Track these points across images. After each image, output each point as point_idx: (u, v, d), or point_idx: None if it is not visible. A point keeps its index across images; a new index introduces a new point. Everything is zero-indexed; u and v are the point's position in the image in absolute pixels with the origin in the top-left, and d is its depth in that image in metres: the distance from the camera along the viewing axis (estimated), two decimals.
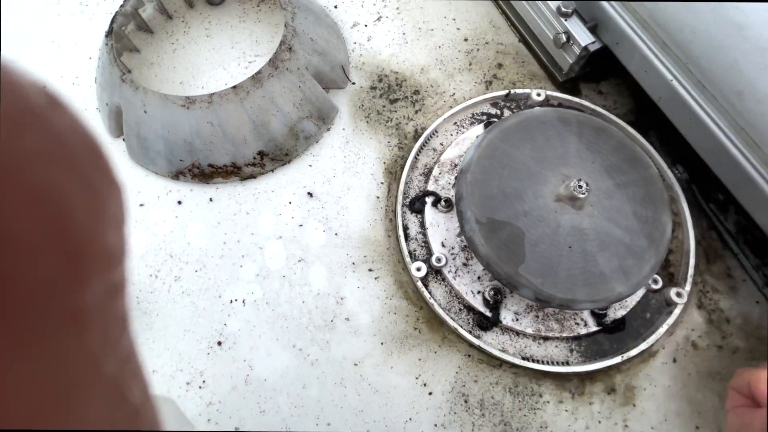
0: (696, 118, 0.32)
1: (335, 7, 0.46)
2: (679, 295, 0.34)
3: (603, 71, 0.41)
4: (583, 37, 0.37)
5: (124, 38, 0.41)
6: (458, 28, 0.44)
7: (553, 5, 0.38)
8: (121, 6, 0.38)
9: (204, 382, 0.33)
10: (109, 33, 0.37)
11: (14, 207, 0.09)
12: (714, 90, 0.30)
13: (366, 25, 0.45)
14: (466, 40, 0.44)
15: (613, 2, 0.35)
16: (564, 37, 0.37)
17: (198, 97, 0.34)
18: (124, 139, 0.38)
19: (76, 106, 0.11)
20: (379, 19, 0.45)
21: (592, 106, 0.40)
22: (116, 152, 0.39)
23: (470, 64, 0.43)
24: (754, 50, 0.27)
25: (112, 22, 0.37)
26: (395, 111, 0.41)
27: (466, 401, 0.32)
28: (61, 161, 0.10)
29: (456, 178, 0.35)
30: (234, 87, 0.34)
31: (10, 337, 0.09)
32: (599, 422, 0.31)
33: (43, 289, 0.09)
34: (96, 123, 0.41)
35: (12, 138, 0.09)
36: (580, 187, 0.30)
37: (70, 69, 0.43)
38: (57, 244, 0.09)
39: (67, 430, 0.10)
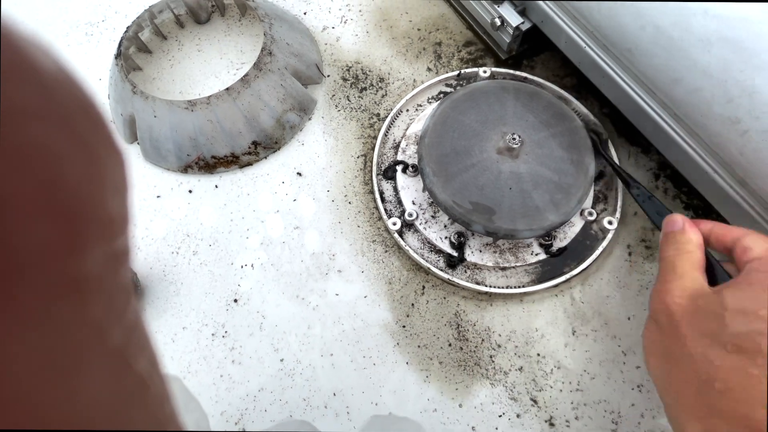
0: (606, 75, 0.39)
1: (305, 14, 0.53)
2: (610, 222, 0.41)
3: (540, 46, 0.48)
4: (514, 19, 0.44)
5: (129, 59, 0.48)
6: (410, 21, 0.51)
7: None
8: (125, 32, 0.46)
9: (226, 332, 0.39)
10: (118, 55, 0.44)
11: (2, 166, 0.08)
12: (614, 49, 0.37)
13: (334, 28, 0.52)
14: (419, 30, 0.51)
15: None
16: (498, 21, 0.44)
17: (198, 100, 0.41)
18: (138, 143, 0.45)
19: (67, 63, 0.10)
20: (344, 22, 0.52)
21: (531, 77, 0.47)
22: (132, 156, 0.46)
23: (425, 51, 0.50)
24: (631, 13, 0.34)
25: (120, 45, 0.44)
26: (364, 97, 0.48)
27: (448, 322, 0.39)
28: (52, 118, 0.09)
29: (417, 144, 0.42)
30: (227, 89, 0.41)
31: (9, 306, 0.08)
32: (552, 324, 0.38)
33: (40, 255, 0.09)
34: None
35: None
36: (514, 139, 0.37)
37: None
38: (52, 208, 0.09)
39: (79, 430, 0.09)
